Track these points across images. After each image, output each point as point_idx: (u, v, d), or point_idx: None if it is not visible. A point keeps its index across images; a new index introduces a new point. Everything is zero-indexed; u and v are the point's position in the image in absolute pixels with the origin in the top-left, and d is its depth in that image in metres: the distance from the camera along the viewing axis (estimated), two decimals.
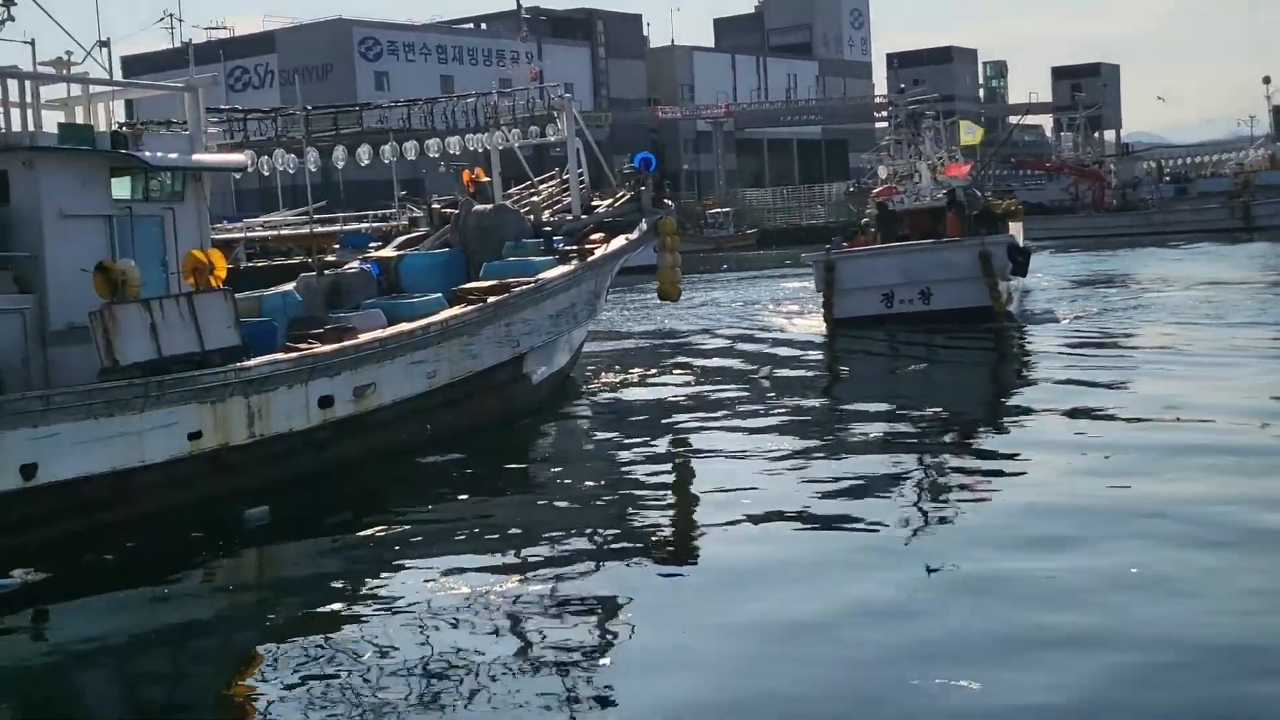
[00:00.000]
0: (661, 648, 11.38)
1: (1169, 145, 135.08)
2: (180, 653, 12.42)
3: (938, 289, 34.14)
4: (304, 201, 61.66)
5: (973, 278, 33.43)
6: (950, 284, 33.92)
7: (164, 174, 19.25)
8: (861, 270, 35.03)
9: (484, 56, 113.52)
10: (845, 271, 34.88)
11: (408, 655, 11.35)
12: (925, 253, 35.11)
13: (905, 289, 34.47)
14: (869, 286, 34.65)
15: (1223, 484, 15.58)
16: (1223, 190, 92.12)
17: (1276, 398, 21.34)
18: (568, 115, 30.94)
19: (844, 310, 34.74)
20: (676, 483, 18.73)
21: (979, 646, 10.81)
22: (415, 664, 11.12)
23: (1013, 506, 15.30)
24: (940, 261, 34.44)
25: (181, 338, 17.19)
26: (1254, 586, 11.89)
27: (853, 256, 35.86)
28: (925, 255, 34.96)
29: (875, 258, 35.62)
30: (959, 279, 33.79)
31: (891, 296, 34.56)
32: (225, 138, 29.66)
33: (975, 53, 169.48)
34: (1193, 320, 32.71)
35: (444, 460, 20.07)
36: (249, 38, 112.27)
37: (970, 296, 33.53)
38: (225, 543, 16.01)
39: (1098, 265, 58.44)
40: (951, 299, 33.86)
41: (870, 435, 20.43)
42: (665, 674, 10.78)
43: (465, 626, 12.04)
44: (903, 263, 34.87)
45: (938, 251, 34.89)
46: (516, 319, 23.43)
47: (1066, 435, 19.33)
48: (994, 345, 31.78)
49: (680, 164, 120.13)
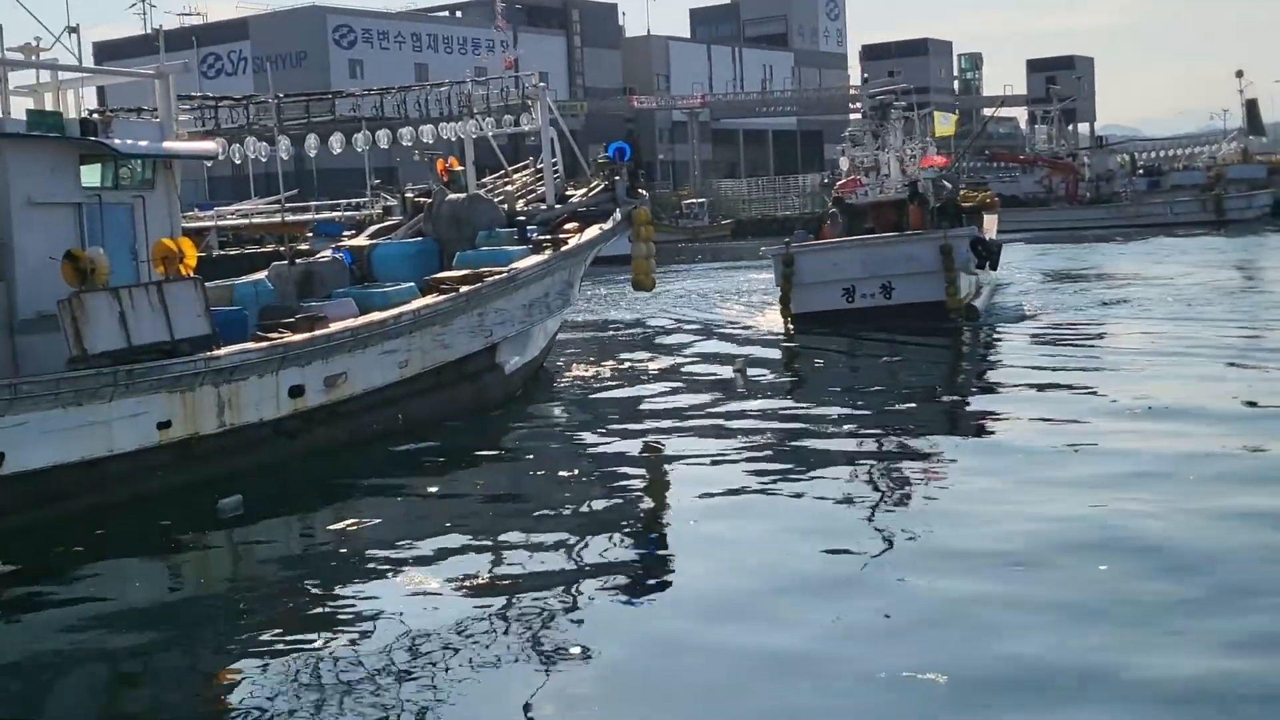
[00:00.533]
0: (627, 644, 11.37)
1: (1143, 138, 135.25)
2: (151, 644, 12.33)
3: (899, 283, 33.32)
4: (277, 189, 61.35)
5: (934, 272, 32.75)
6: (912, 278, 33.12)
7: (134, 162, 19.13)
8: (821, 264, 34.16)
9: (459, 45, 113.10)
10: (804, 265, 34.02)
11: (376, 646, 11.32)
12: (886, 246, 34.21)
13: (866, 283, 33.64)
14: (829, 281, 33.86)
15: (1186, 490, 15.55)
16: (1195, 183, 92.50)
17: (1242, 400, 21.14)
18: (542, 104, 30.87)
19: (803, 305, 33.99)
20: (646, 476, 18.71)
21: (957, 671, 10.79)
22: (383, 656, 11.09)
23: (963, 520, 14.71)
24: (901, 255, 33.62)
25: (151, 326, 17.09)
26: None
27: (812, 250, 34.87)
28: (886, 249, 34.07)
29: (835, 251, 34.65)
30: (920, 273, 33.01)
31: (852, 291, 33.77)
32: (197, 125, 29.51)
33: (950, 45, 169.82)
34: (1162, 317, 32.62)
35: (415, 450, 20.04)
36: (222, 24, 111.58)
37: (932, 291, 32.79)
38: (196, 532, 15.94)
39: (1071, 258, 58.50)
40: (913, 293, 33.05)
41: (832, 438, 20.20)
42: (629, 673, 10.76)
43: (434, 618, 12.01)
44: (863, 256, 34.01)
45: (899, 245, 33.99)
46: (489, 308, 23.39)
47: (1024, 439, 18.84)
48: (949, 343, 30.99)
49: (655, 154, 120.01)
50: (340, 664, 10.99)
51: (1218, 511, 14.07)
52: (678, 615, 11.92)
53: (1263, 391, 21.42)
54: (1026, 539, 13.50)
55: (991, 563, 12.84)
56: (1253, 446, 17.26)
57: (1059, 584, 12.08)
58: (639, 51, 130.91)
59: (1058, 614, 11.29)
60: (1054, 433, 18.98)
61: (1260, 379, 22.97)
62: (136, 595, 13.90)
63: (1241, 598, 11.46)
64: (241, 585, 14.34)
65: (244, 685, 10.78)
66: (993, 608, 11.53)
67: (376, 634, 11.64)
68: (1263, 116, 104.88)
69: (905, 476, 17.09)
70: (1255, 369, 24.12)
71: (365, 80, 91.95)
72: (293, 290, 23.48)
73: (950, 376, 27.71)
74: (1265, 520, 13.70)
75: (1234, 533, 13.37)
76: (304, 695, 10.38)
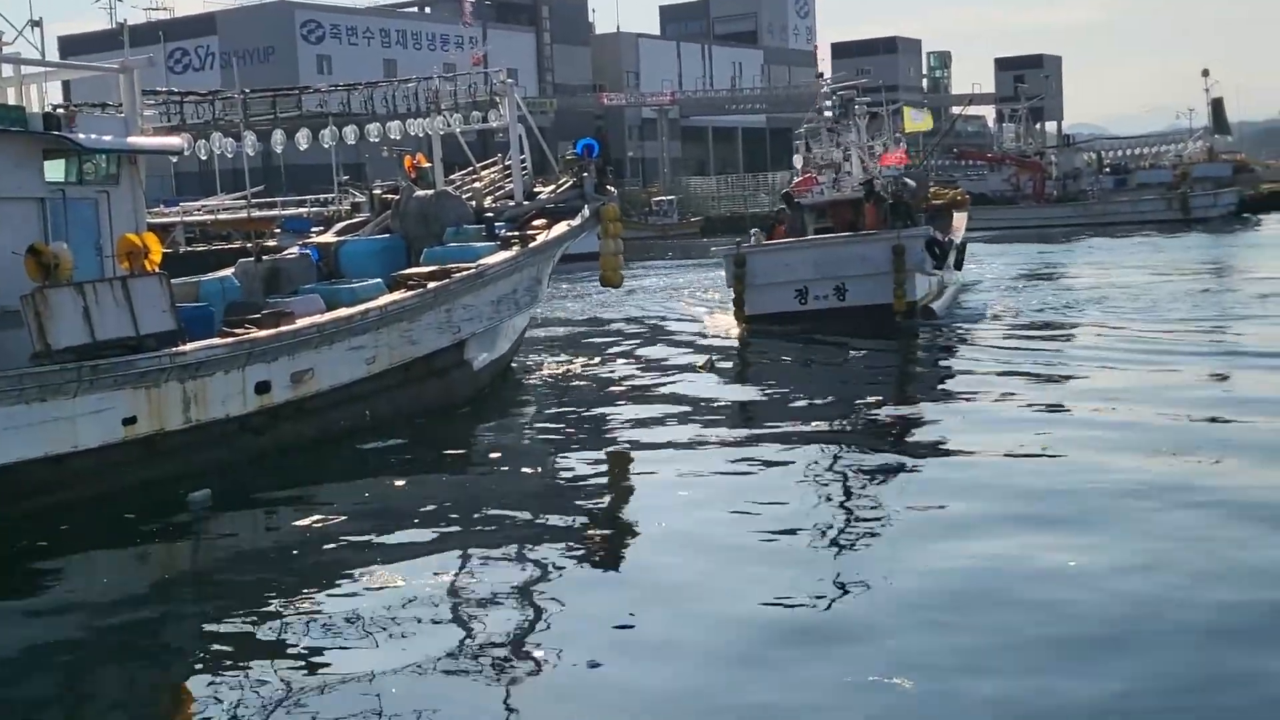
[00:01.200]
0: (590, 642, 11.37)
1: (1110, 136, 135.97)
2: (114, 639, 12.27)
3: (853, 284, 32.45)
4: (244, 185, 61.13)
5: (888, 272, 31.93)
6: (865, 279, 32.25)
7: (98, 156, 19.00)
8: (773, 265, 33.30)
9: (428, 41, 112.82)
10: (756, 266, 33.18)
11: (339, 643, 11.31)
12: (839, 246, 33.30)
13: (819, 284, 32.77)
14: (781, 282, 33.00)
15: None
16: (1161, 182, 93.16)
17: (1193, 408, 20.81)
18: (510, 101, 30.81)
19: (756, 307, 33.10)
20: (613, 473, 18.70)
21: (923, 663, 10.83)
22: (345, 653, 11.08)
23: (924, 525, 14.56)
24: (855, 256, 32.69)
25: (115, 322, 16.99)
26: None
27: (764, 251, 34.03)
28: (839, 249, 33.11)
29: (787, 252, 33.84)
30: (874, 274, 32.13)
31: (805, 292, 32.91)
32: (162, 120, 29.34)
33: (920, 43, 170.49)
34: (1127, 316, 32.36)
35: (383, 446, 19.99)
36: (189, 19, 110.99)
37: (886, 292, 31.89)
38: (161, 528, 15.87)
39: (1037, 257, 58.63)
40: (867, 295, 32.13)
41: (790, 441, 19.88)
42: (592, 671, 10.76)
43: (398, 615, 11.98)
44: (815, 257, 33.14)
45: (851, 245, 33.08)
46: (457, 305, 23.34)
47: (973, 442, 18.47)
48: (897, 348, 29.93)
49: (625, 151, 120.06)
50: (302, 661, 10.96)
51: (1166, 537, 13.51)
52: (644, 613, 11.92)
53: (1220, 399, 21.12)
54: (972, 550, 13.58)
55: (947, 565, 12.91)
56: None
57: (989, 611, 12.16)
58: (608, 48, 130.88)
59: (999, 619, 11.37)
60: (993, 444, 18.19)
61: (1219, 386, 22.77)
62: (100, 591, 13.84)
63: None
64: (206, 582, 14.29)
65: (205, 683, 10.74)
66: (950, 611, 11.60)
67: (340, 631, 11.62)
68: (1228, 115, 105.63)
69: (858, 479, 17.18)
70: (1210, 375, 23.78)
71: (333, 76, 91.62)
72: (259, 286, 23.38)
73: (894, 383, 26.53)
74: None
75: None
76: (264, 692, 10.35)
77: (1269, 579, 11.93)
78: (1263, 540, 13.12)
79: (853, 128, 39.61)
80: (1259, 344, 26.40)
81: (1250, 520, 13.77)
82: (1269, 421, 18.78)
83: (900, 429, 20.42)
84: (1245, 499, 14.59)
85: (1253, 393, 21.44)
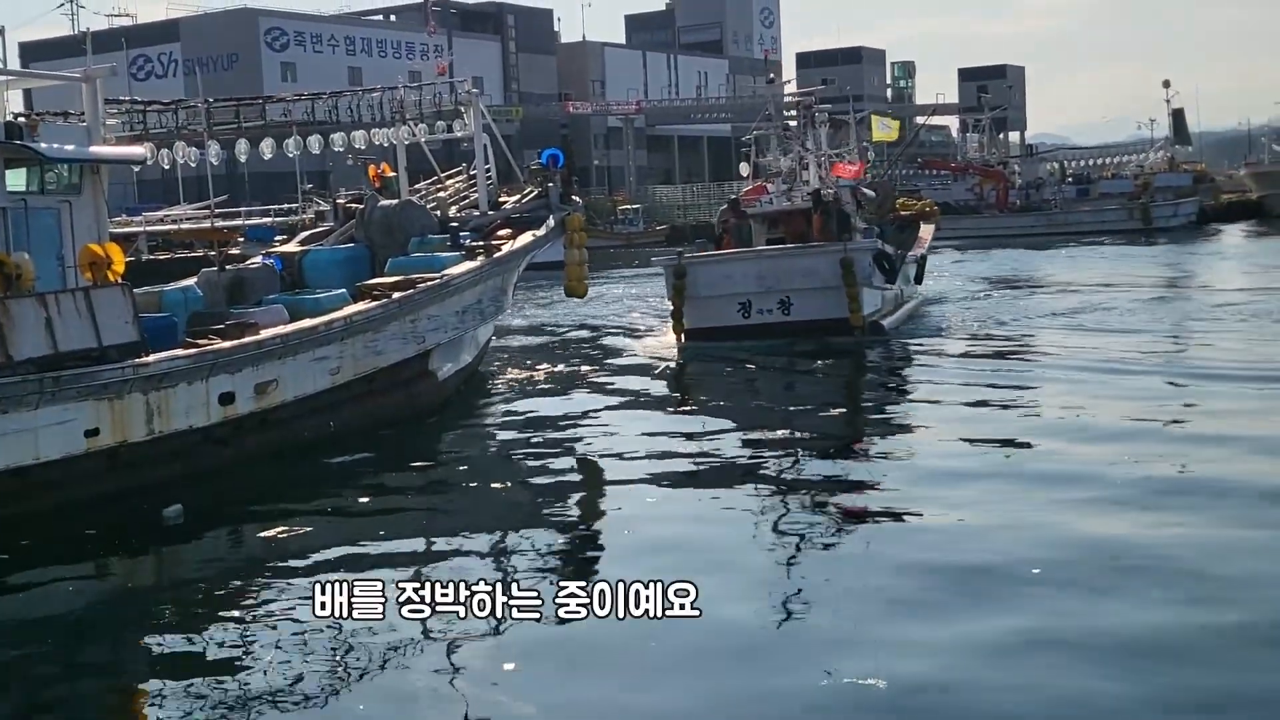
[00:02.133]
0: (558, 652, 11.38)
1: (1072, 147, 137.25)
2: (74, 653, 12.19)
3: (798, 298, 30.74)
4: (207, 194, 60.82)
5: (835, 287, 30.11)
6: (811, 293, 30.58)
7: (60, 166, 18.93)
8: (715, 277, 31.57)
9: (393, 49, 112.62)
10: (698, 278, 31.39)
11: (302, 658, 11.26)
12: (783, 259, 31.54)
13: (763, 298, 31.04)
14: (724, 295, 31.28)
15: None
16: (1123, 191, 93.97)
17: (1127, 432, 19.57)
18: (475, 110, 30.82)
19: (696, 320, 31.35)
20: (578, 482, 18.73)
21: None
22: (309, 667, 11.04)
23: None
24: (800, 269, 30.94)
25: (78, 333, 16.90)
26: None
27: (705, 261, 32.48)
28: (784, 261, 31.36)
29: (729, 263, 32.19)
30: (820, 288, 30.43)
31: (749, 306, 31.17)
32: (125, 129, 29.19)
33: (884, 53, 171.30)
34: (1086, 332, 31.44)
35: (348, 458, 19.93)
36: (152, 26, 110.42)
37: (832, 307, 30.14)
38: (122, 541, 15.80)
39: (1000, 266, 58.58)
40: (813, 310, 30.50)
41: (749, 451, 20.00)
42: (559, 681, 10.77)
43: (363, 627, 11.94)
44: (759, 269, 31.38)
45: (797, 258, 31.33)
46: (422, 315, 23.30)
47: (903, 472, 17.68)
48: (849, 368, 28.73)
49: (591, 160, 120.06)
50: (265, 675, 10.91)
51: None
52: (608, 623, 11.91)
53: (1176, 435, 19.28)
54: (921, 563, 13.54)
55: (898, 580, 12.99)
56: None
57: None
58: (574, 57, 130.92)
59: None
60: (927, 469, 17.59)
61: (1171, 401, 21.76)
62: (60, 604, 13.72)
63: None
64: (165, 596, 14.17)
65: (162, 696, 10.69)
66: (906, 625, 11.66)
67: (304, 645, 11.55)
68: (1189, 125, 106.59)
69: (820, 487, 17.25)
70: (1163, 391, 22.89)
71: (298, 84, 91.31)
72: (222, 296, 23.30)
73: (835, 407, 24.77)
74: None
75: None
76: (223, 707, 10.30)
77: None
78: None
79: (810, 135, 38.05)
80: (1220, 364, 25.48)
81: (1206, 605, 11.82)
82: (1226, 461, 17.18)
83: (836, 468, 18.66)
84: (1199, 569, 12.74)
85: (1210, 427, 19.59)
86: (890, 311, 34.09)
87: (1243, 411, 20.74)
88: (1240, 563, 12.84)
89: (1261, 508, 14.92)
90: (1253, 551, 13.21)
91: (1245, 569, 12.64)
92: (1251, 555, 13.09)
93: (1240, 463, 17.06)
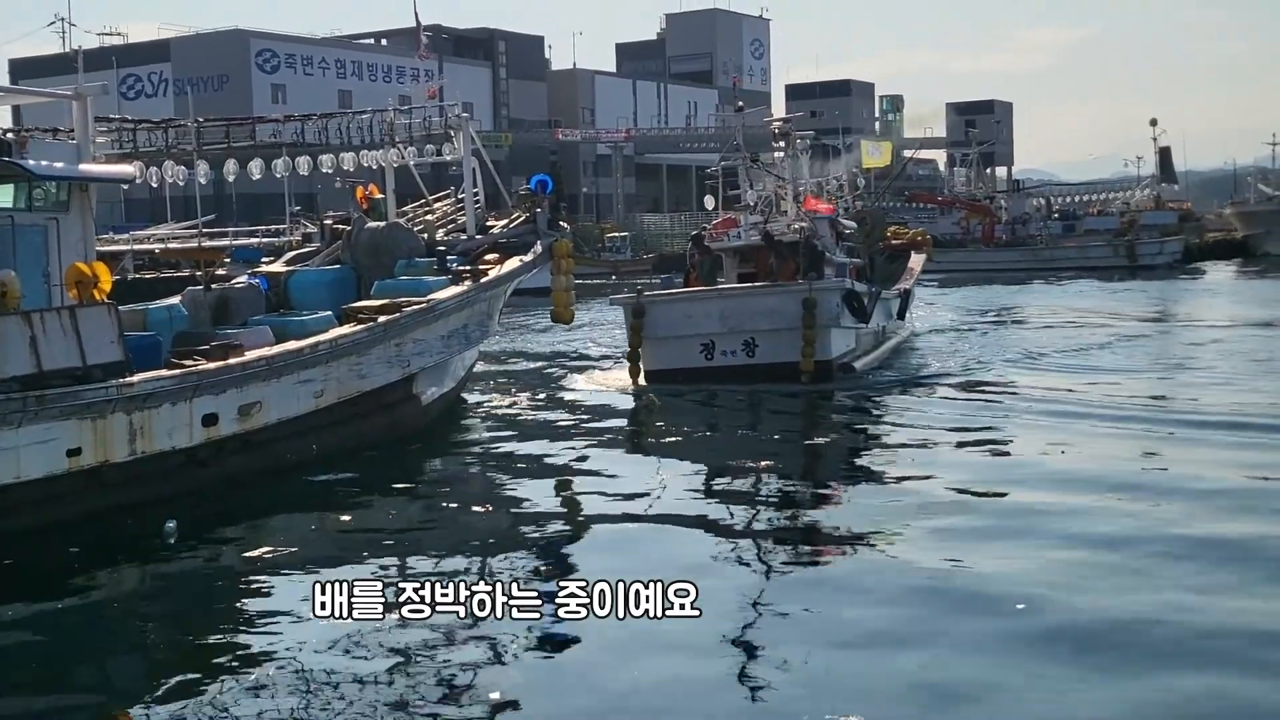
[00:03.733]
0: (534, 678, 11.37)
1: (1059, 183, 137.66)
2: (54, 672, 12.14)
3: (763, 340, 29.13)
4: (195, 213, 60.78)
5: (800, 328, 28.56)
6: (776, 335, 28.97)
7: (48, 183, 18.91)
8: (675, 316, 29.76)
9: (384, 72, 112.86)
10: (657, 317, 29.66)
11: (282, 680, 11.22)
12: (747, 298, 29.90)
13: (727, 339, 29.34)
14: (685, 335, 29.53)
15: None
16: (1108, 229, 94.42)
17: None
18: (464, 134, 30.83)
19: (655, 362, 29.69)
20: (559, 507, 18.74)
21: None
22: (289, 690, 10.99)
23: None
24: (765, 309, 29.29)
25: (62, 351, 16.84)
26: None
27: (665, 300, 30.64)
28: (748, 300, 29.71)
29: (691, 302, 30.36)
30: (785, 329, 28.83)
31: (712, 347, 29.41)
32: (114, 147, 29.15)
33: (872, 86, 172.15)
34: (1065, 373, 30.59)
35: (331, 480, 19.90)
36: (143, 45, 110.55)
37: (798, 349, 28.61)
38: (103, 560, 15.73)
39: (984, 302, 57.98)
40: (778, 352, 28.90)
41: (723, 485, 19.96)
42: (535, 698, 10.76)
43: (343, 649, 11.91)
44: (722, 309, 29.54)
45: (760, 297, 29.73)
46: (407, 339, 23.28)
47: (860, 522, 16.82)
48: (808, 414, 26.86)
49: (580, 187, 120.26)
50: (246, 693, 10.87)
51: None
52: (586, 649, 11.90)
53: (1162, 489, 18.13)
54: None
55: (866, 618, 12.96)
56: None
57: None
58: (565, 84, 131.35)
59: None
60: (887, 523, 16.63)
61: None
62: (41, 624, 13.65)
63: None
64: (151, 616, 14.14)
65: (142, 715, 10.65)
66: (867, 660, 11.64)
67: (284, 667, 11.53)
68: (1175, 164, 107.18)
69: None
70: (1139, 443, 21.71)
71: (288, 106, 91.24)
72: (207, 315, 23.28)
73: (796, 458, 22.82)
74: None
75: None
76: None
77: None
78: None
79: (790, 165, 36.67)
80: (1202, 410, 24.66)
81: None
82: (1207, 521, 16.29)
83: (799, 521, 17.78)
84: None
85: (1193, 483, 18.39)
86: (867, 350, 32.69)
87: (1221, 462, 19.84)
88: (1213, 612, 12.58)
89: (1228, 566, 14.20)
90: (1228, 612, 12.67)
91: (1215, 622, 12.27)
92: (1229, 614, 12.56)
93: (1215, 518, 16.35)
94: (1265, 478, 18.65)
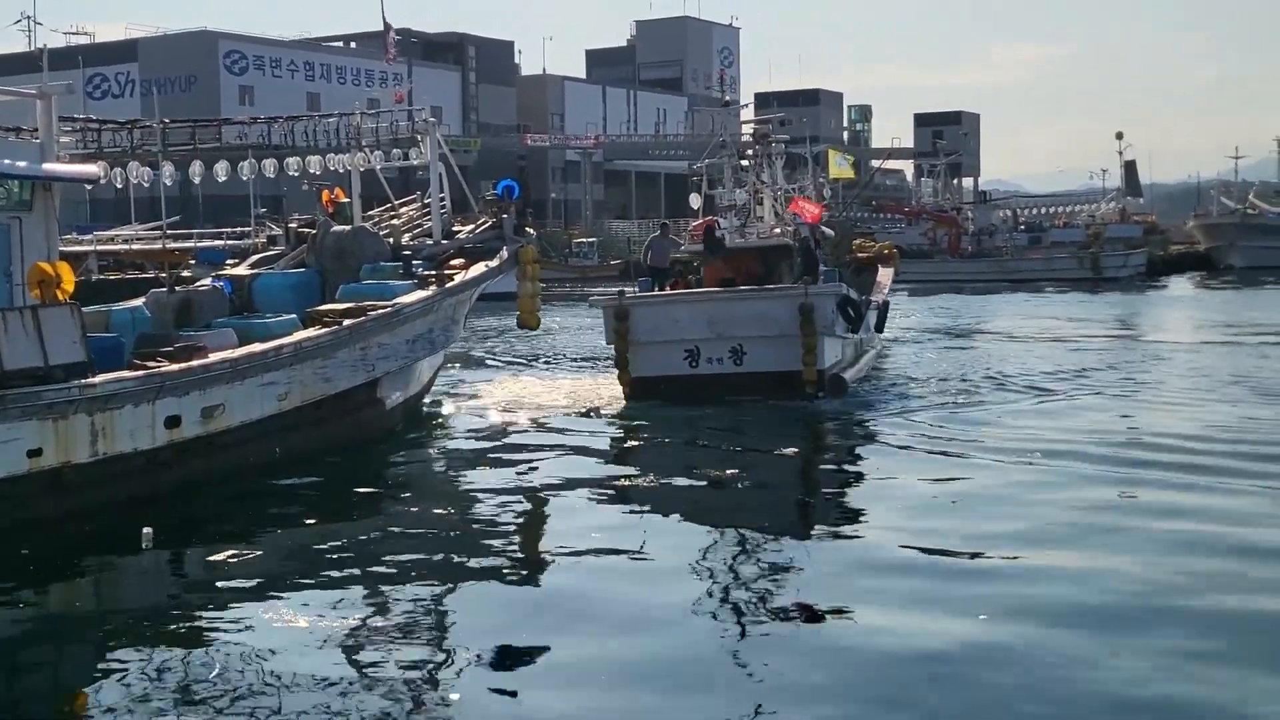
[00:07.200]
0: (505, 673, 11.37)
1: (1025, 194, 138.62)
2: (11, 680, 12.07)
3: (751, 347, 27.73)
4: (160, 215, 60.50)
5: (792, 335, 27.19)
6: (766, 342, 27.63)
7: (11, 182, 18.80)
8: (659, 320, 28.28)
9: (352, 76, 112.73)
10: (640, 321, 28.16)
11: (240, 686, 11.17)
12: (735, 302, 28.44)
13: (713, 345, 27.91)
14: (669, 341, 28.04)
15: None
16: (1074, 240, 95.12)
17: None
18: (431, 139, 30.80)
19: (640, 368, 28.16)
20: (522, 512, 18.69)
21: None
22: (246, 697, 10.96)
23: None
24: (754, 314, 27.90)
25: (24, 351, 16.72)
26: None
27: (649, 303, 29.01)
28: (735, 305, 28.32)
29: (675, 306, 28.90)
30: (776, 336, 27.48)
31: (696, 354, 27.98)
32: (79, 147, 29.01)
33: (841, 96, 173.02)
34: (1040, 389, 29.41)
35: (294, 483, 19.85)
36: (110, 45, 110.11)
37: (790, 358, 27.22)
38: (61, 564, 15.63)
39: (953, 313, 58.38)
40: (768, 361, 27.53)
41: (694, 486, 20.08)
42: (508, 702, 10.76)
43: (301, 655, 11.88)
44: (709, 313, 28.20)
45: (750, 302, 28.29)
46: (372, 343, 23.24)
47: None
48: (800, 427, 25.51)
49: (548, 192, 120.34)
50: (200, 704, 10.83)
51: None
52: (558, 643, 11.92)
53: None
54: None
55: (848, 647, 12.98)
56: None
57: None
58: (535, 90, 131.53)
59: None
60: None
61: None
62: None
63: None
64: (106, 619, 14.04)
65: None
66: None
67: (242, 673, 11.47)
68: (1140, 177, 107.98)
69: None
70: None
71: (255, 108, 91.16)
72: (171, 317, 23.18)
73: (789, 479, 21.70)
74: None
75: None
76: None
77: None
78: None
79: (767, 169, 35.19)
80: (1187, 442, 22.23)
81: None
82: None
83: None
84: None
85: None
86: (851, 362, 31.49)
87: (1204, 510, 17.29)
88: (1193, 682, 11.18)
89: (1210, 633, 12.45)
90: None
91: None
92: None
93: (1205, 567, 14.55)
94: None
